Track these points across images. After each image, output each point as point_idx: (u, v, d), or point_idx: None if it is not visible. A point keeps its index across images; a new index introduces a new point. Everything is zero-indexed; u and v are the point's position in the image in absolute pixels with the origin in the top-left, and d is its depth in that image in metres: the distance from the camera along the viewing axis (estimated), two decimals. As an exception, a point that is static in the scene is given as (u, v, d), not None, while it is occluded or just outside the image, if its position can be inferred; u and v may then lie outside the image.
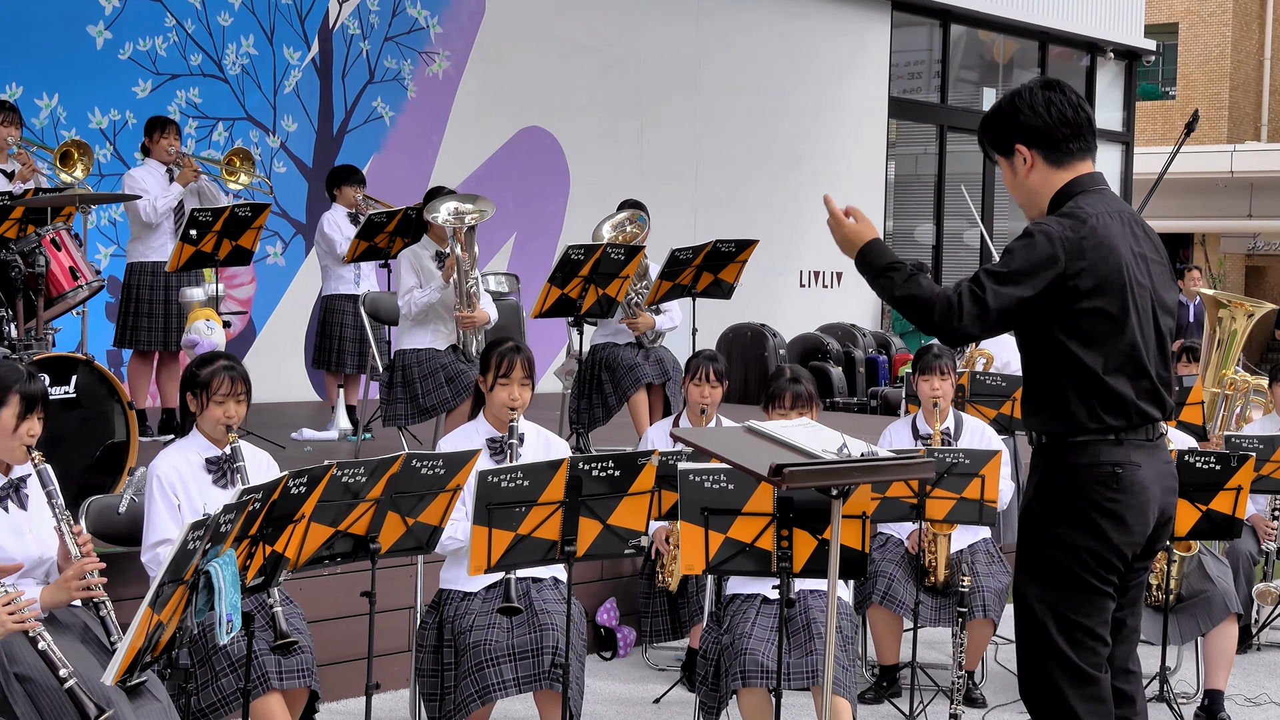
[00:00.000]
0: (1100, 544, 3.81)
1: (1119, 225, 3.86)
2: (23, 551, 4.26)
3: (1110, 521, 3.81)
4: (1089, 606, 3.85)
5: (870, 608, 6.32)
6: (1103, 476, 3.81)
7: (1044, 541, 3.89)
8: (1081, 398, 3.82)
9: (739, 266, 8.29)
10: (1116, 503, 3.81)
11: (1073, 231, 3.78)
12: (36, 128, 9.96)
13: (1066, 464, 3.86)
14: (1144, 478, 3.84)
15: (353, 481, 4.32)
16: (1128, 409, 3.83)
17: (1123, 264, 3.81)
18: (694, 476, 4.56)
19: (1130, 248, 3.86)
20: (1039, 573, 3.90)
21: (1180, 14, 32.50)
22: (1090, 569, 3.83)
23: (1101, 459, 3.81)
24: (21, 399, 4.28)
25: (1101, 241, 3.79)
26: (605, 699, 6.35)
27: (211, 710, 4.62)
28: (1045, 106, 3.91)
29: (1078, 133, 3.93)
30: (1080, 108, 3.94)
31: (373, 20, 11.98)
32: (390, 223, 8.67)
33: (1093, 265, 3.77)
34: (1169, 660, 6.42)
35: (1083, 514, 3.82)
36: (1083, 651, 3.86)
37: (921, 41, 17.88)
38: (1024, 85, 3.99)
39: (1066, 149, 3.92)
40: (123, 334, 8.53)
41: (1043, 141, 3.92)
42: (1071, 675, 3.87)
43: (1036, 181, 3.96)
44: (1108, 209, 3.88)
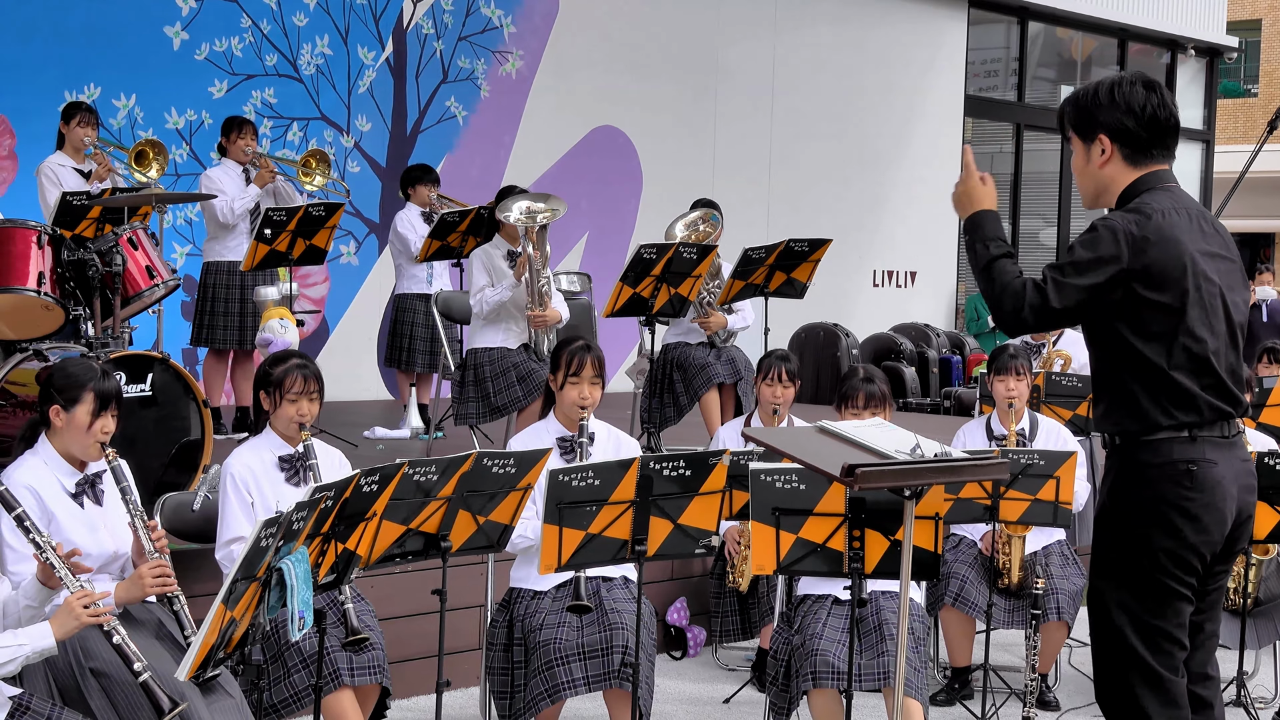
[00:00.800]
0: (1177, 543, 3.76)
1: (1186, 221, 3.82)
2: (98, 547, 4.32)
3: (1186, 520, 3.75)
4: (1167, 609, 3.80)
5: (943, 609, 6.27)
6: (1177, 474, 3.76)
7: (1120, 543, 3.84)
8: (1150, 394, 3.78)
9: (812, 266, 8.25)
10: (1192, 501, 3.75)
11: (1136, 226, 3.74)
12: (114, 128, 10.10)
13: (1140, 463, 3.81)
14: (1220, 475, 3.78)
15: (424, 480, 4.33)
16: (1197, 403, 3.77)
17: (1187, 260, 3.76)
18: (765, 476, 4.54)
19: (1198, 245, 3.81)
20: (1115, 575, 3.85)
21: (1263, 10, 32.01)
22: (1167, 570, 3.77)
23: (1175, 456, 3.76)
24: (96, 396, 4.33)
25: (1166, 237, 3.75)
26: (675, 698, 6.34)
27: (284, 706, 4.65)
28: (1140, 105, 3.85)
29: (1163, 139, 3.89)
30: (1173, 114, 3.89)
31: (446, 20, 12.04)
32: (463, 222, 8.70)
33: (1155, 260, 3.73)
34: (1246, 665, 6.33)
35: (1158, 513, 3.77)
36: (1160, 655, 3.81)
37: (999, 39, 17.73)
38: (1123, 76, 3.91)
39: (1148, 151, 3.88)
40: (198, 332, 8.63)
41: (1127, 138, 3.87)
42: (1148, 679, 3.81)
43: (1109, 174, 3.91)
44: (1175, 205, 3.83)
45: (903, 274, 15.95)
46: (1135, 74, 3.95)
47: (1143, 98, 3.85)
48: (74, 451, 4.37)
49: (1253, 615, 6.22)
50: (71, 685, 4.09)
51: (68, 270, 6.37)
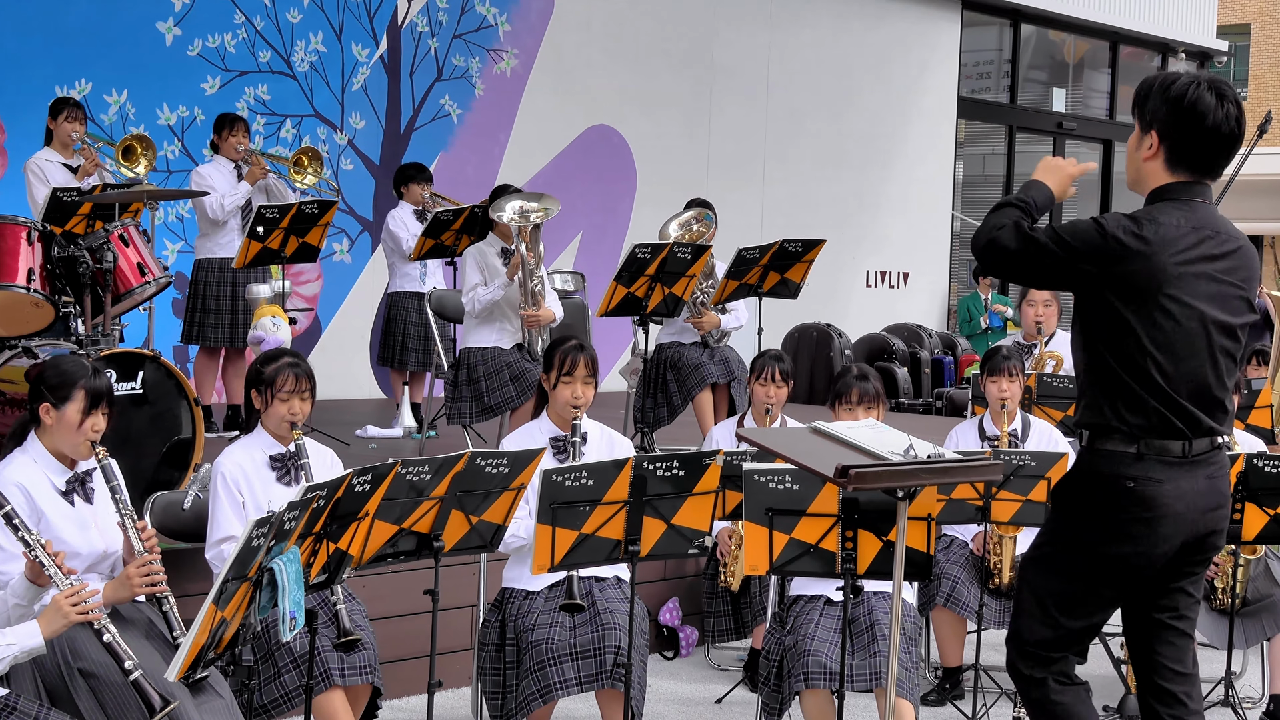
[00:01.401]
0: (1105, 552, 3.82)
1: (1189, 239, 3.79)
2: (87, 546, 4.29)
3: (1118, 534, 3.81)
4: (1081, 608, 3.87)
5: (934, 609, 6.28)
6: (1117, 489, 3.81)
7: (1053, 537, 3.94)
8: (1106, 396, 3.84)
9: (806, 266, 8.25)
10: (1128, 515, 3.80)
11: (1124, 234, 3.74)
12: (105, 124, 10.07)
13: (1088, 468, 3.89)
14: (1164, 494, 3.79)
15: (417, 479, 4.32)
16: (1147, 412, 3.79)
17: (1163, 280, 3.75)
18: (759, 477, 4.53)
19: (1190, 266, 3.78)
20: (1040, 565, 3.95)
21: (1253, 14, 32.10)
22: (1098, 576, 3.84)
23: (1119, 470, 3.81)
24: (86, 394, 4.31)
25: (1150, 253, 3.74)
26: (667, 699, 6.33)
27: (274, 706, 4.64)
28: (1203, 115, 3.78)
29: (1213, 153, 3.83)
30: (1234, 131, 3.81)
31: (441, 18, 12.02)
32: (456, 220, 8.68)
33: (1128, 273, 3.75)
34: (1234, 664, 6.34)
35: (1094, 521, 3.83)
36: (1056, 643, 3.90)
37: (991, 41, 17.74)
38: (1202, 77, 3.84)
39: (1190, 161, 3.84)
40: (189, 330, 8.60)
41: (1178, 140, 3.83)
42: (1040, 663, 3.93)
43: (1149, 169, 3.90)
44: (1185, 221, 3.80)
45: (895, 275, 15.96)
46: (1210, 79, 3.86)
47: (1208, 105, 3.78)
48: (64, 450, 4.34)
49: (1241, 615, 6.23)
50: (59, 686, 4.06)
51: (58, 267, 6.35)
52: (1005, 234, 3.84)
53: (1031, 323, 7.72)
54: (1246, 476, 5.68)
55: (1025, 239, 3.82)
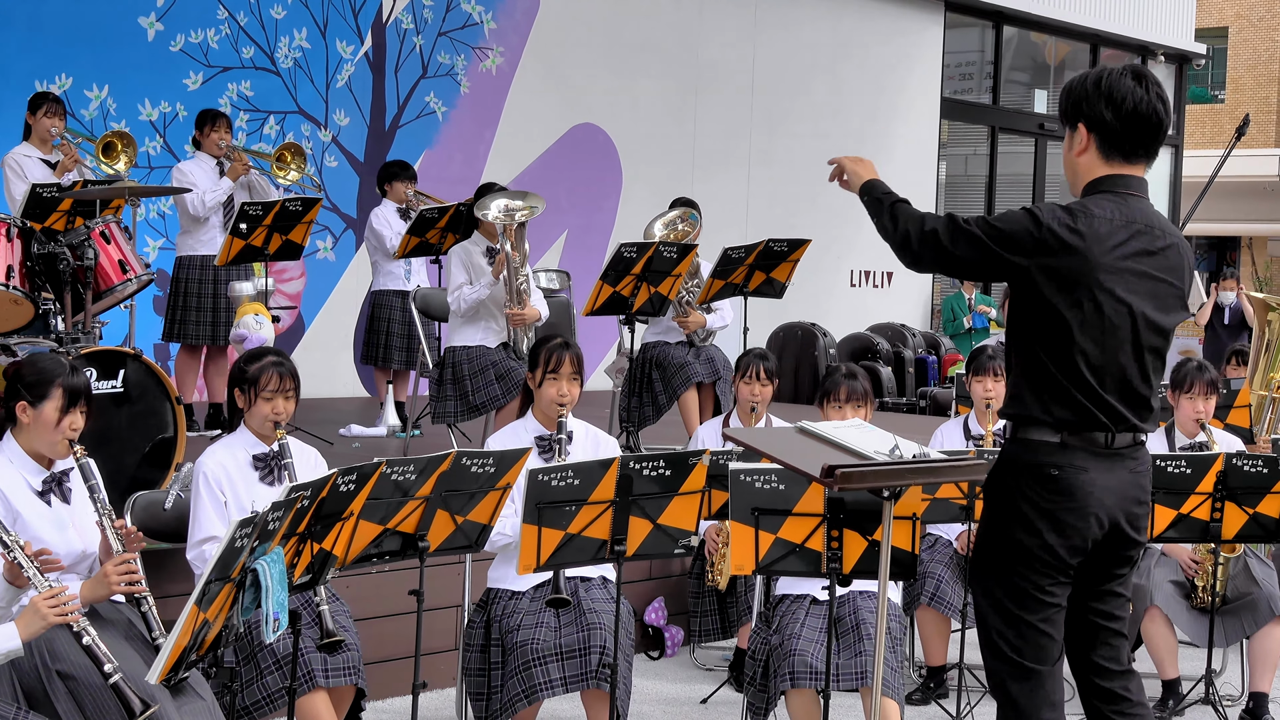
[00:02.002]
0: (1036, 543, 3.80)
1: (1121, 234, 3.77)
2: (65, 545, 4.24)
3: (1045, 522, 3.79)
4: (1029, 603, 3.84)
5: (919, 609, 6.28)
6: (1040, 476, 3.80)
7: (989, 535, 3.92)
8: (1032, 387, 3.83)
9: (791, 266, 8.25)
10: (1054, 504, 3.79)
11: (1057, 225, 3.73)
12: (86, 119, 10.02)
13: (1010, 456, 3.89)
14: (1086, 483, 3.78)
15: (402, 479, 4.29)
16: (1073, 405, 3.79)
17: (1094, 273, 3.74)
18: (745, 476, 4.53)
19: (1122, 262, 3.77)
20: (983, 564, 3.94)
21: (1230, 18, 32.24)
22: (1031, 566, 3.82)
23: (1040, 458, 3.81)
24: (64, 392, 4.26)
25: (1082, 246, 3.73)
26: (652, 699, 6.31)
27: (256, 708, 4.60)
28: (1122, 99, 3.79)
29: (1141, 137, 3.84)
30: (1156, 113, 3.81)
31: (426, 15, 11.99)
32: (441, 219, 8.66)
33: (1059, 266, 3.73)
34: (1215, 662, 6.36)
35: (1019, 511, 3.83)
36: (1027, 647, 3.86)
37: (974, 42, 17.78)
38: (1115, 69, 3.84)
39: (1122, 148, 3.84)
40: (171, 328, 8.54)
41: (1104, 132, 3.83)
42: (1012, 669, 3.89)
43: (1082, 164, 3.89)
44: (1118, 214, 3.78)
45: (879, 274, 15.98)
46: (1129, 65, 3.88)
47: (1126, 90, 3.79)
48: (41, 449, 4.30)
49: (1220, 614, 6.25)
50: (37, 688, 4.01)
51: (38, 264, 6.30)
52: (939, 226, 3.84)
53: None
54: (1226, 476, 5.69)
55: (958, 230, 3.82)
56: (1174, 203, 20.29)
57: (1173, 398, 6.49)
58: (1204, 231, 30.93)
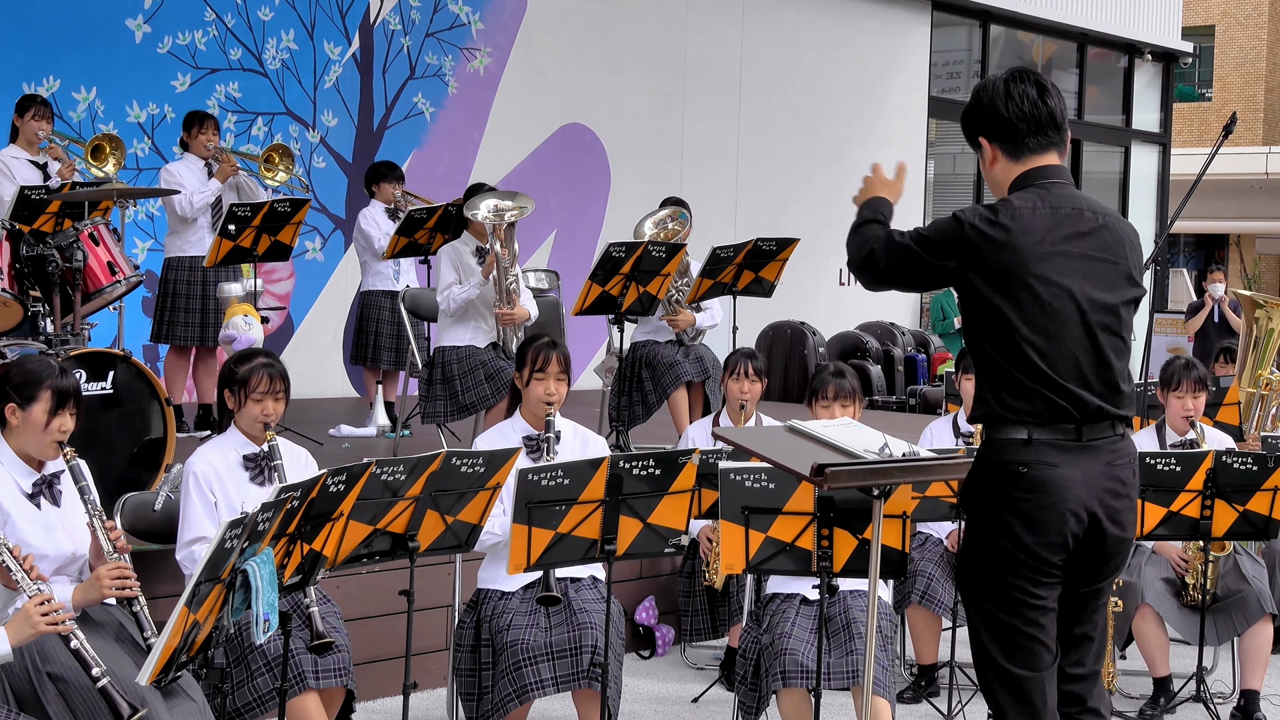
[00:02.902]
0: (1012, 544, 3.79)
1: (1048, 220, 3.81)
2: (55, 548, 4.23)
3: (1019, 521, 3.78)
4: (1014, 607, 3.82)
5: (909, 607, 6.29)
6: (1011, 475, 3.79)
7: (969, 541, 3.92)
8: (989, 385, 3.85)
9: (780, 265, 8.25)
10: (1026, 502, 3.78)
11: (980, 222, 3.79)
12: (74, 121, 10.00)
13: (981, 458, 3.89)
14: (1059, 478, 3.76)
15: (392, 479, 4.29)
16: (1031, 397, 3.79)
17: (1026, 262, 3.77)
18: (735, 475, 4.53)
19: (1054, 246, 3.80)
20: (967, 571, 3.93)
21: (1217, 16, 32.30)
22: (1012, 570, 3.80)
23: (1008, 458, 3.80)
24: (53, 394, 4.25)
25: (1009, 240, 3.77)
26: (643, 698, 6.31)
27: (247, 710, 4.60)
28: (1005, 99, 3.88)
29: (1037, 127, 3.89)
30: (1042, 101, 3.88)
31: (414, 16, 11.98)
32: (430, 219, 8.65)
33: (992, 261, 3.77)
34: (1205, 660, 6.37)
35: (995, 513, 3.82)
36: (1015, 653, 3.84)
37: (961, 42, 17.80)
38: (992, 77, 3.95)
39: (1024, 143, 3.90)
40: (159, 329, 8.53)
41: (1003, 135, 3.91)
42: (1001, 677, 3.87)
43: (999, 173, 3.95)
44: (1041, 203, 3.83)
45: (869, 273, 15.97)
46: (1009, 69, 3.97)
47: (1005, 91, 3.88)
48: (31, 451, 4.29)
49: (1211, 612, 6.26)
50: (28, 690, 4.00)
51: (26, 266, 6.29)
52: (878, 245, 3.95)
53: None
54: (1216, 473, 5.70)
55: (893, 246, 3.92)
56: (1161, 201, 20.32)
57: (1162, 395, 6.50)
58: (1192, 229, 31.00)
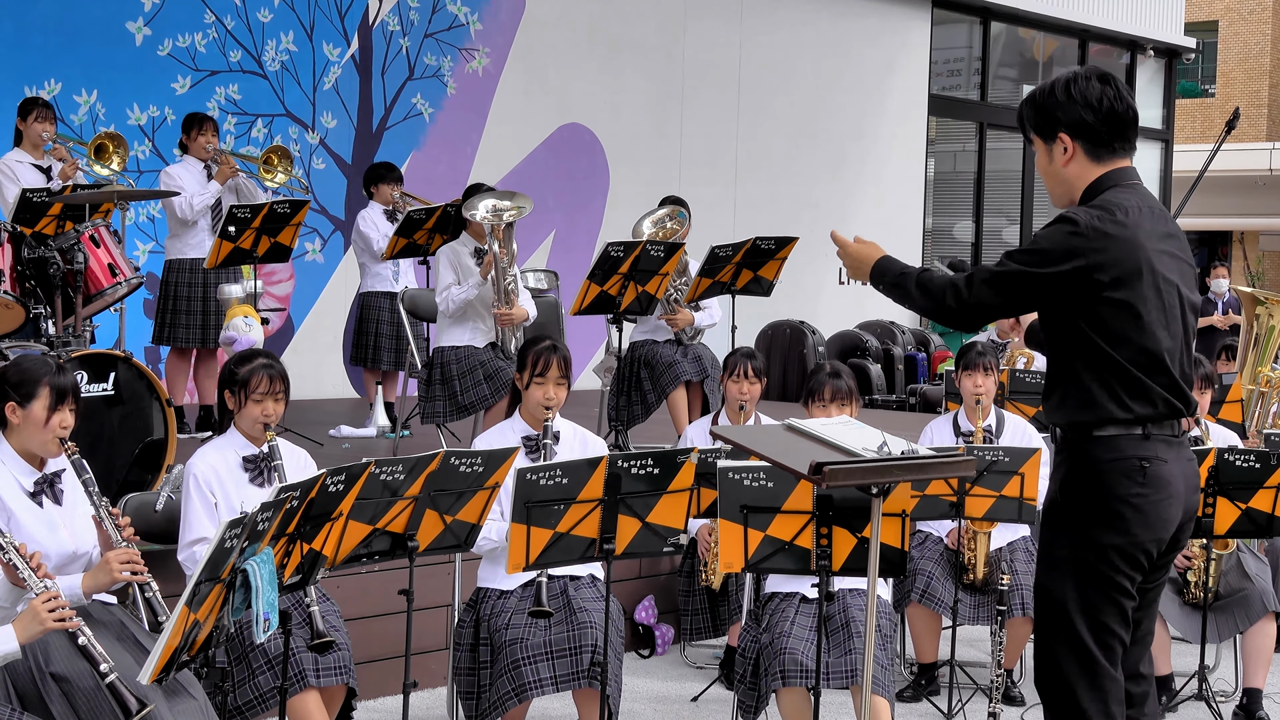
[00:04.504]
0: (1126, 540, 3.78)
1: (1149, 220, 3.84)
2: (57, 546, 4.26)
3: (1137, 516, 3.77)
4: (1112, 605, 3.82)
5: (909, 606, 6.28)
6: (1130, 470, 3.78)
7: (1071, 538, 3.85)
8: (1106, 387, 3.80)
9: (779, 264, 8.26)
10: (1144, 498, 3.77)
11: (1099, 222, 3.77)
12: (75, 124, 10.01)
13: (1092, 458, 3.82)
14: (1169, 473, 3.80)
15: (391, 479, 4.30)
16: (1152, 397, 3.79)
17: (1147, 258, 3.79)
18: (733, 474, 4.53)
19: (1159, 244, 3.83)
20: (1064, 570, 3.86)
21: (1220, 12, 32.26)
22: (1115, 566, 3.79)
23: (1129, 452, 3.78)
24: (51, 391, 4.27)
25: (1130, 235, 3.77)
26: (643, 697, 6.32)
27: (248, 708, 4.61)
28: (1098, 100, 3.85)
29: (1123, 132, 3.89)
30: (1131, 107, 3.89)
31: (412, 17, 11.99)
32: (429, 220, 8.66)
33: (1117, 257, 3.76)
34: (1208, 658, 6.37)
35: (1110, 509, 3.79)
36: (1104, 650, 3.83)
37: (961, 39, 17.78)
38: (1078, 72, 3.91)
39: (1110, 145, 3.89)
40: (161, 331, 8.55)
41: (1088, 134, 3.88)
42: (1088, 674, 3.84)
43: (1073, 172, 3.92)
44: (1140, 203, 3.85)
45: (868, 272, 15.96)
46: (1090, 68, 3.95)
47: (1099, 91, 3.86)
48: (32, 448, 4.31)
49: (1214, 610, 6.25)
50: (31, 689, 4.02)
51: (28, 268, 6.31)
52: (956, 288, 3.87)
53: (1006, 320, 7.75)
54: (1218, 471, 5.70)
55: (999, 278, 3.84)
56: (1164, 197, 20.30)
57: None
58: (1195, 226, 30.97)
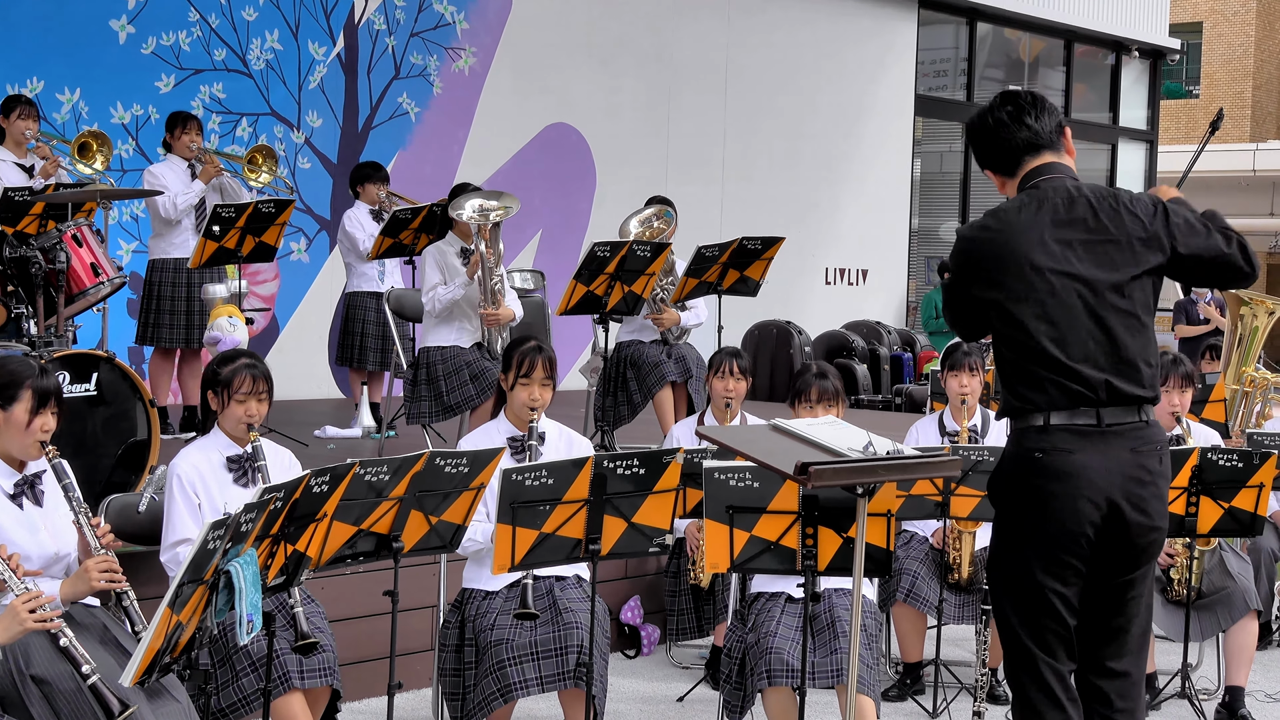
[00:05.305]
0: (1031, 530, 3.86)
1: (1032, 215, 3.92)
2: (38, 549, 4.23)
3: (1035, 508, 3.85)
4: (1036, 596, 3.87)
5: (894, 605, 6.29)
6: (1028, 462, 3.88)
7: (996, 532, 4.02)
8: (1007, 381, 3.97)
9: (765, 264, 8.26)
10: (1040, 489, 3.84)
11: (978, 230, 3.98)
12: (58, 123, 9.97)
13: (1004, 453, 4.00)
14: (1077, 464, 3.83)
15: (376, 480, 4.29)
16: (1045, 387, 3.87)
17: (1025, 253, 3.89)
18: (719, 474, 4.52)
19: (1049, 234, 3.90)
20: (994, 563, 4.01)
21: (1204, 13, 32.38)
22: (1029, 557, 3.87)
23: (1026, 445, 3.90)
24: (34, 394, 4.25)
25: (999, 237, 3.93)
26: (629, 697, 6.32)
27: (232, 710, 4.59)
28: (995, 129, 4.07)
29: (1011, 142, 4.05)
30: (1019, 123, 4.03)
31: (399, 16, 11.96)
32: (415, 219, 8.64)
33: (990, 259, 3.93)
34: (1190, 657, 6.40)
35: (1012, 501, 3.91)
36: (1039, 641, 3.90)
37: (948, 40, 17.81)
38: (985, 107, 4.15)
39: (1016, 160, 4.07)
40: (144, 331, 8.52)
41: (994, 163, 4.11)
42: (1028, 664, 3.92)
43: (1009, 194, 4.11)
44: (1033, 199, 3.95)
45: (854, 272, 16.00)
46: (994, 98, 4.16)
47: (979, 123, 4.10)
48: (13, 451, 4.28)
49: (1196, 608, 6.28)
50: (11, 692, 3.99)
51: (9, 267, 6.28)
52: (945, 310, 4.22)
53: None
54: (1201, 470, 5.72)
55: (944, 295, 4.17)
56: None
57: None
58: (1180, 227, 31.03)
